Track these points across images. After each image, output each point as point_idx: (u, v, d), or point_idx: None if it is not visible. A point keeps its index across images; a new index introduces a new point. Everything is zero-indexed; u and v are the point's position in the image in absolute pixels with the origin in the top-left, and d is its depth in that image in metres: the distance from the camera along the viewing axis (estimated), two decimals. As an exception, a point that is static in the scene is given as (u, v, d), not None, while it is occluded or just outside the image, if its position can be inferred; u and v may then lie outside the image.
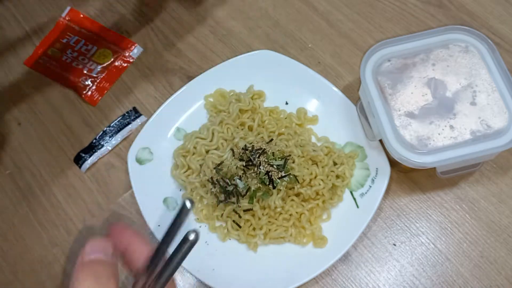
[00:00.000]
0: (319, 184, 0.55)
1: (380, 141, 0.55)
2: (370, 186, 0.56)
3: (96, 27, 0.68)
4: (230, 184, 0.54)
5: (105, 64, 0.65)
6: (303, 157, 0.56)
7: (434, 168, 0.51)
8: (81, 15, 0.69)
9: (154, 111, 0.59)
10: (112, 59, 0.66)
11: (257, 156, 0.55)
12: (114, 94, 0.64)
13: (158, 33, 0.67)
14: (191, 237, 0.30)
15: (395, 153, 0.50)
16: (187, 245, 0.30)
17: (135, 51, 0.66)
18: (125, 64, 0.66)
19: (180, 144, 0.59)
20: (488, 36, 0.64)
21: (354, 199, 0.56)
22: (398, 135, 0.51)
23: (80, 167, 0.59)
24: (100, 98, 0.64)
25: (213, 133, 0.58)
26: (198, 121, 0.60)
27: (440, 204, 0.57)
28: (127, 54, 0.66)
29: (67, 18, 0.69)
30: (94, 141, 0.61)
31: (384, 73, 0.54)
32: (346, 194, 0.57)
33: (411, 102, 0.52)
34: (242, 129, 0.59)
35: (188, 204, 0.31)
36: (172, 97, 0.60)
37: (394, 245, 0.55)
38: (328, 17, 0.67)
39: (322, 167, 0.56)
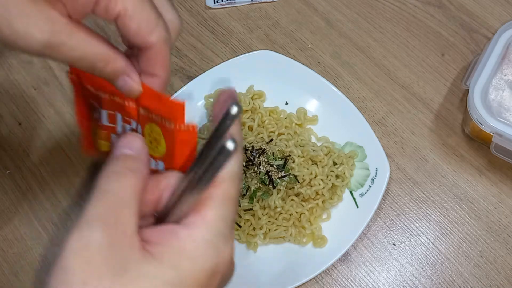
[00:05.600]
0: (319, 184, 0.55)
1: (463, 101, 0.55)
2: (370, 186, 0.56)
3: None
4: (230, 184, 0.54)
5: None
6: (303, 157, 0.56)
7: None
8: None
9: (154, 111, 0.59)
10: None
11: (257, 156, 0.55)
12: (114, 94, 0.64)
13: (158, 33, 0.67)
14: (230, 146, 0.26)
15: (471, 101, 0.53)
16: (225, 154, 0.27)
17: (135, 51, 0.66)
18: (125, 64, 0.65)
19: (180, 144, 0.59)
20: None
21: (354, 199, 0.56)
22: (486, 90, 0.54)
23: None
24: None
25: (213, 133, 0.58)
26: (198, 121, 0.60)
27: (439, 204, 0.57)
28: (127, 54, 0.65)
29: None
30: None
31: None
32: (346, 194, 0.57)
33: None
34: (242, 129, 0.59)
35: (234, 109, 0.28)
36: (172, 97, 0.60)
37: (394, 245, 0.55)
38: (328, 17, 0.67)
39: (322, 167, 0.56)
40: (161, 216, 0.32)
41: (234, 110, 0.28)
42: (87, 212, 0.29)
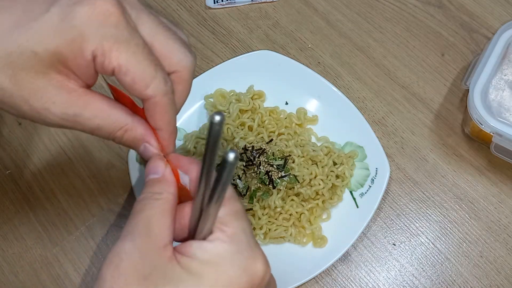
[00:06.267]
0: (319, 184, 0.55)
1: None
2: (370, 186, 0.56)
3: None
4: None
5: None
6: (303, 157, 0.56)
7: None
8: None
9: (154, 111, 0.59)
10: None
11: (257, 156, 0.55)
12: (114, 94, 0.64)
13: (158, 33, 0.67)
14: (230, 157, 0.27)
15: (471, 101, 0.53)
16: (227, 167, 0.28)
17: (135, 51, 0.66)
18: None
19: (180, 144, 0.59)
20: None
21: (354, 199, 0.56)
22: (486, 90, 0.53)
23: None
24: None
25: (213, 133, 0.58)
26: (198, 121, 0.60)
27: (439, 204, 0.57)
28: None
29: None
30: None
31: None
32: (346, 194, 0.57)
33: None
34: (242, 129, 0.59)
35: (216, 118, 0.27)
36: (172, 97, 0.60)
37: (394, 245, 0.55)
38: (328, 17, 0.67)
39: (322, 167, 0.56)
40: (189, 234, 0.34)
41: (216, 118, 0.28)
42: (122, 231, 0.32)
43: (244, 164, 0.54)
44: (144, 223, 0.32)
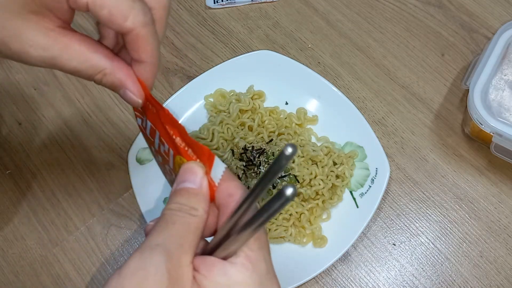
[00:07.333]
0: (319, 184, 0.55)
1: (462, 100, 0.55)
2: (370, 186, 0.56)
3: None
4: (230, 184, 0.54)
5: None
6: (303, 157, 0.56)
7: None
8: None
9: (154, 111, 0.59)
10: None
11: (257, 156, 0.55)
12: (114, 94, 0.64)
13: (158, 33, 0.67)
14: (288, 192, 0.25)
15: (471, 101, 0.53)
16: (281, 200, 0.26)
17: (135, 51, 0.65)
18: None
19: (180, 144, 0.59)
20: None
21: (354, 199, 0.56)
22: (486, 90, 0.54)
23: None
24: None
25: (213, 133, 0.58)
26: (198, 121, 0.60)
27: (439, 204, 0.57)
28: (127, 54, 0.65)
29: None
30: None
31: None
32: (346, 194, 0.57)
33: None
34: (242, 129, 0.59)
35: (289, 150, 0.27)
36: (172, 97, 0.60)
37: (394, 245, 0.56)
38: (328, 17, 0.67)
39: (322, 167, 0.56)
40: (209, 248, 0.33)
41: (289, 150, 0.27)
42: (151, 238, 0.30)
43: (244, 164, 0.54)
44: (177, 239, 0.30)
